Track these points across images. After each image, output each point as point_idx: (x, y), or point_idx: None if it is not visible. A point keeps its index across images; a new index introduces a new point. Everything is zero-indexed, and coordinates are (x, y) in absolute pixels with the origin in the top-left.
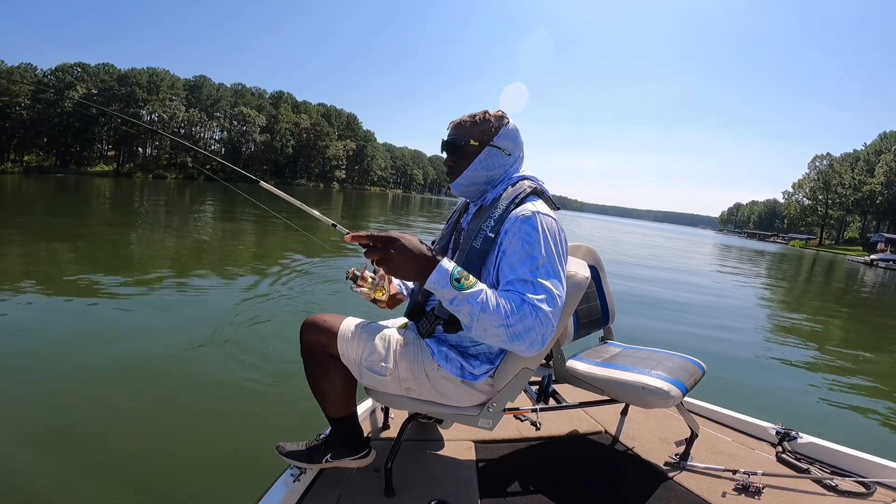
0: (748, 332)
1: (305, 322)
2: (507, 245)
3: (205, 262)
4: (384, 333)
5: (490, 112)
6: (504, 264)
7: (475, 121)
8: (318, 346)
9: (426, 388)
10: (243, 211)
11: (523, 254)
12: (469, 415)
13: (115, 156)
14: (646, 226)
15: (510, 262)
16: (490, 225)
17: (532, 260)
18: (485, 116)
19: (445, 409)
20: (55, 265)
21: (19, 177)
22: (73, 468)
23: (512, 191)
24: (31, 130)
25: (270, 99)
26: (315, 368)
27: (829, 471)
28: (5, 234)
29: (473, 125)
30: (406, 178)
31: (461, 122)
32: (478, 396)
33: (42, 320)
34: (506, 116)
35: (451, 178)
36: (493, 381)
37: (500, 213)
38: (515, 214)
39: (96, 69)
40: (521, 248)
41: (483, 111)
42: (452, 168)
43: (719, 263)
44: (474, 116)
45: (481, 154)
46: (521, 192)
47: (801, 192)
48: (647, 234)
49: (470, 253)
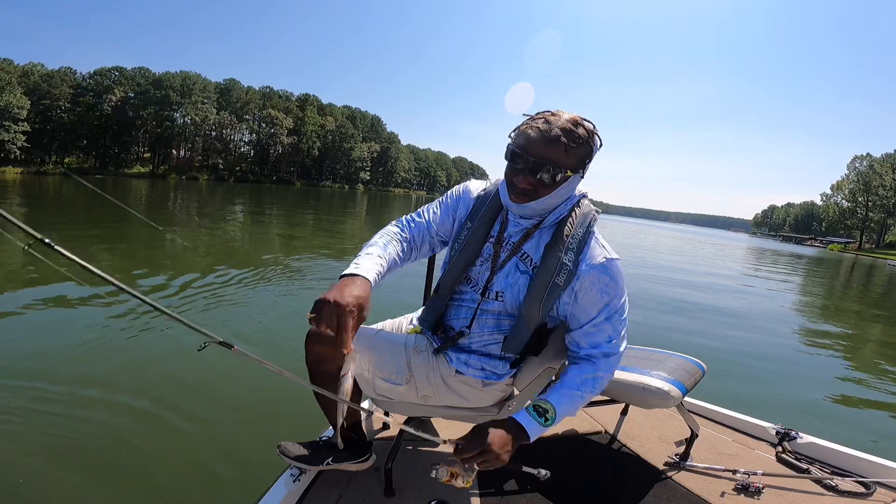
0: (763, 334)
1: (310, 332)
2: (584, 291)
3: (217, 261)
4: (396, 341)
5: (585, 126)
6: (581, 312)
7: (576, 142)
8: (323, 356)
9: (444, 394)
10: (270, 211)
11: (602, 304)
12: (487, 414)
13: (150, 158)
14: (673, 228)
15: (588, 311)
16: (572, 259)
17: (611, 313)
18: (585, 137)
19: (464, 412)
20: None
21: (60, 178)
22: (73, 467)
23: (581, 214)
24: (71, 133)
25: (297, 101)
26: (320, 380)
27: (829, 471)
28: (130, 233)
29: (574, 148)
30: (430, 179)
31: (559, 141)
32: (496, 395)
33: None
34: (597, 134)
35: (519, 200)
36: (514, 379)
37: (578, 244)
38: (593, 259)
39: (132, 73)
40: (600, 299)
41: (577, 122)
42: (530, 191)
43: (747, 267)
44: (573, 135)
45: (567, 181)
46: (591, 219)
47: (840, 194)
48: (673, 237)
49: (552, 290)
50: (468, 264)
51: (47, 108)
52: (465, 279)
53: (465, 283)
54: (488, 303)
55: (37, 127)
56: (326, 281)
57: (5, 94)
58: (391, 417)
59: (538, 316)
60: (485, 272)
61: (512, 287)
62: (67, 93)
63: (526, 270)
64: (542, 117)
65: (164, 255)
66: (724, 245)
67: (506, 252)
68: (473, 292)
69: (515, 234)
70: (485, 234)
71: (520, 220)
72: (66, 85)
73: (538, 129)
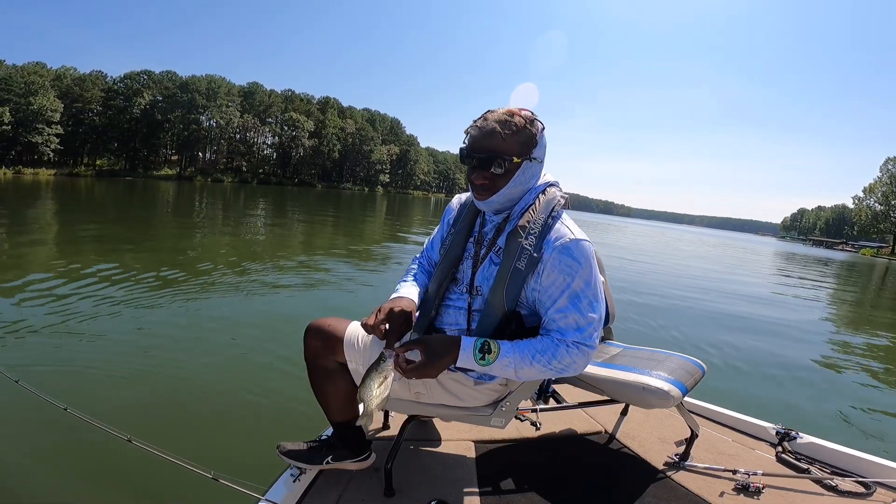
0: (763, 334)
1: (309, 326)
2: (546, 273)
3: (222, 262)
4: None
5: (520, 115)
6: (545, 296)
7: (511, 129)
8: (321, 351)
9: (437, 392)
10: (293, 213)
11: (564, 286)
12: (481, 415)
13: (178, 160)
14: (695, 232)
15: (551, 294)
16: (533, 243)
17: (574, 296)
18: (521, 124)
19: (457, 412)
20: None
21: (92, 180)
22: (71, 467)
23: (545, 201)
24: (102, 135)
25: (318, 104)
26: (318, 374)
27: (829, 471)
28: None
29: (511, 135)
30: (449, 182)
31: (494, 132)
32: (490, 395)
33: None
34: (537, 120)
35: (482, 196)
36: (507, 379)
37: (541, 229)
38: (555, 241)
39: (160, 76)
40: (563, 281)
41: (511, 113)
42: (487, 186)
43: (768, 273)
44: (507, 124)
45: (520, 169)
46: (555, 204)
47: (873, 197)
48: (698, 241)
49: (514, 275)
50: (452, 266)
51: (80, 111)
52: (452, 281)
53: (452, 285)
54: (476, 300)
55: (69, 129)
56: (331, 282)
57: (39, 97)
58: (391, 417)
59: (502, 301)
60: (467, 270)
61: (487, 280)
62: (99, 96)
63: (497, 262)
64: (482, 116)
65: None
66: (751, 250)
67: (484, 249)
68: (460, 293)
69: (490, 230)
70: (466, 236)
71: (493, 218)
72: (98, 88)
73: (477, 126)
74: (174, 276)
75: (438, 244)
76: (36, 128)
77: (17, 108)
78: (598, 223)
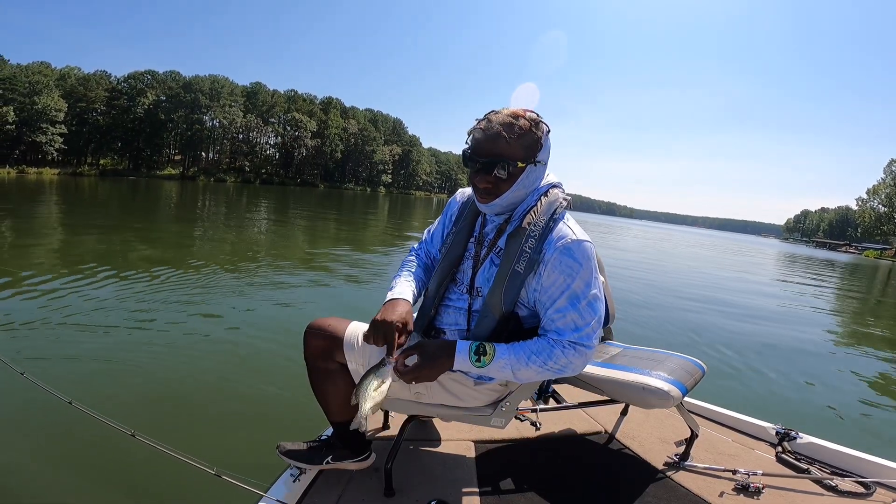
0: (763, 334)
1: (309, 326)
2: (547, 274)
3: (225, 261)
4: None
5: (525, 117)
6: (545, 296)
7: (516, 133)
8: (321, 351)
9: (437, 392)
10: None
11: (564, 286)
12: (481, 415)
13: (181, 160)
14: (699, 233)
15: (551, 295)
16: (533, 245)
17: (573, 296)
18: (526, 127)
19: (456, 412)
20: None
21: (96, 179)
22: (75, 460)
23: (546, 203)
24: (106, 135)
25: (321, 104)
26: (318, 374)
27: (828, 471)
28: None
29: (516, 139)
30: (451, 182)
31: (499, 135)
32: (490, 395)
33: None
34: (542, 122)
35: (485, 199)
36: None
37: (541, 231)
38: (556, 241)
39: (164, 76)
40: (563, 282)
41: (516, 115)
42: (490, 189)
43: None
44: (512, 127)
45: (524, 173)
46: (557, 206)
47: (877, 199)
48: (702, 244)
49: (513, 277)
50: (452, 266)
51: (83, 110)
52: (452, 281)
53: (452, 285)
54: (476, 301)
55: (73, 129)
56: (332, 283)
57: (43, 97)
58: (391, 417)
59: (500, 303)
60: (468, 270)
61: (487, 281)
62: (103, 96)
63: (497, 263)
64: (486, 117)
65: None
66: (755, 252)
67: (485, 250)
68: (460, 293)
69: (491, 231)
70: (467, 236)
71: (494, 218)
72: (102, 88)
73: (481, 129)
74: (179, 274)
75: (439, 238)
76: (40, 127)
77: (21, 107)
78: (600, 223)
